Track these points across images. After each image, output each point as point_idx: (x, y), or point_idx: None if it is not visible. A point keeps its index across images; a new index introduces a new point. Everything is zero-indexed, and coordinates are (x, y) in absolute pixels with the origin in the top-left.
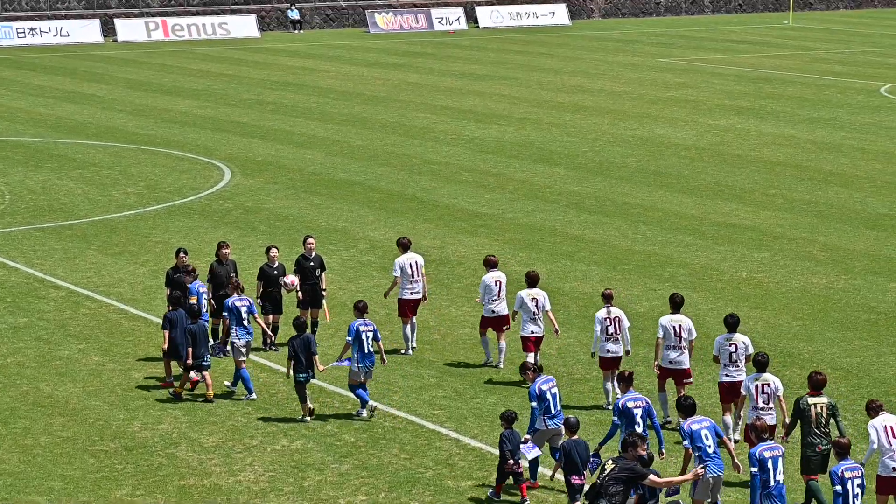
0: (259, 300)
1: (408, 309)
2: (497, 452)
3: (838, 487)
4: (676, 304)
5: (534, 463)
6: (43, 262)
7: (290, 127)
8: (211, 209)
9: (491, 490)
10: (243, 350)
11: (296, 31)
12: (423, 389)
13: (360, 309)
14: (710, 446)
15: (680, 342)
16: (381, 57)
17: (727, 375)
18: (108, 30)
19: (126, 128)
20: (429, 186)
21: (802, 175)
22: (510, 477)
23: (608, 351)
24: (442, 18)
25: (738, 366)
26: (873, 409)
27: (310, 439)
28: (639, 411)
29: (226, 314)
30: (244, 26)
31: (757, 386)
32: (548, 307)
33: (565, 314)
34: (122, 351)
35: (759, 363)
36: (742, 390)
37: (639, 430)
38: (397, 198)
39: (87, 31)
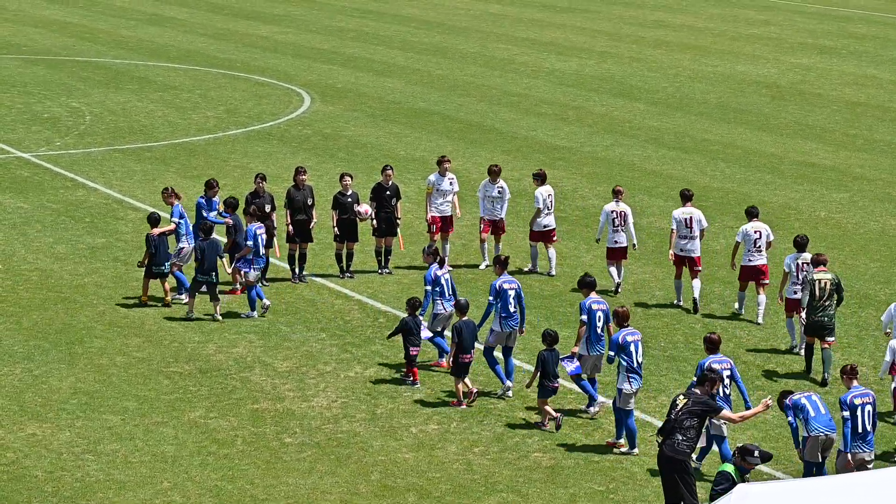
0: (335, 228)
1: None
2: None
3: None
4: (686, 197)
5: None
6: (122, 183)
7: (371, 55)
8: (290, 135)
9: (407, 377)
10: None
11: None
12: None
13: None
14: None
15: (691, 232)
16: None
17: (749, 260)
18: None
19: (207, 51)
20: (508, 118)
21: (884, 116)
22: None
23: (615, 242)
24: None
25: (759, 251)
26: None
27: (383, 367)
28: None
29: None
30: None
31: (798, 264)
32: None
33: (642, 248)
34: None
35: (799, 244)
36: (784, 268)
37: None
38: (476, 128)
39: None
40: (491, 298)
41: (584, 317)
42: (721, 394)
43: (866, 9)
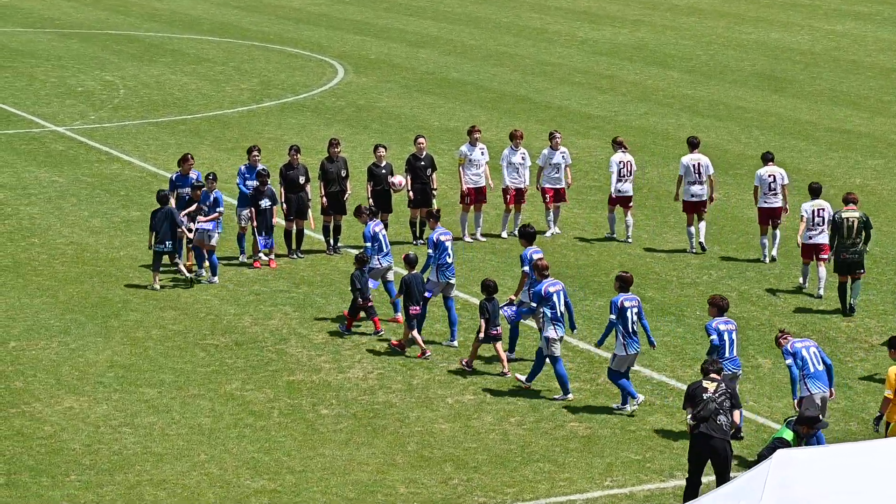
0: (370, 199)
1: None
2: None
3: (613, 317)
4: (693, 145)
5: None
6: (156, 156)
7: (404, 25)
8: (323, 106)
9: (342, 326)
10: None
11: None
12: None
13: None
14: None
15: (700, 177)
16: None
17: (766, 202)
18: None
19: (240, 24)
20: (541, 87)
21: None
22: (362, 311)
23: (618, 192)
24: None
25: (775, 193)
26: None
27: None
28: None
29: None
30: None
31: (814, 209)
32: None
33: (677, 218)
34: (233, 246)
35: (814, 190)
36: (801, 213)
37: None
38: (510, 98)
39: None
40: (526, 268)
41: (526, 267)
42: (630, 330)
43: None
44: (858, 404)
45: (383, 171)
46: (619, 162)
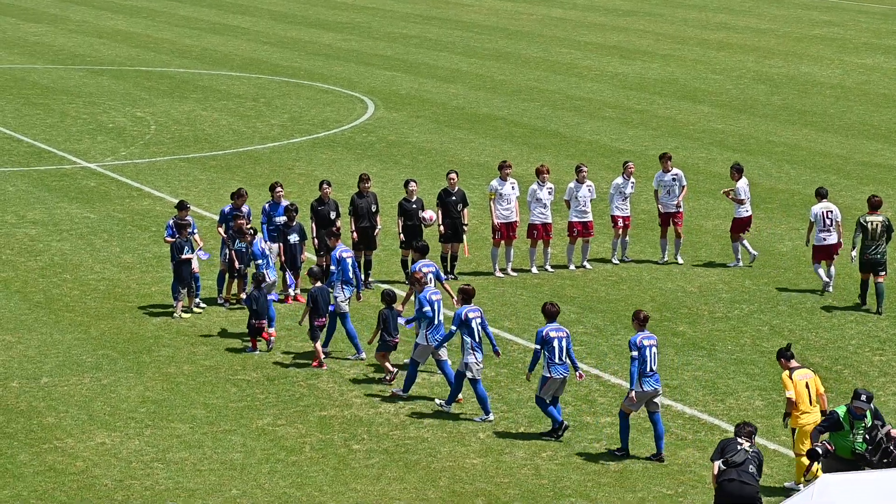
0: (401, 235)
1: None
2: None
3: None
4: (822, 195)
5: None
6: (188, 191)
7: (434, 61)
8: (354, 142)
9: (247, 347)
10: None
11: None
12: (564, 325)
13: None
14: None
15: (829, 224)
16: None
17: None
18: None
19: (270, 60)
20: (572, 122)
21: None
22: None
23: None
24: None
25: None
26: None
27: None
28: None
29: (260, 261)
30: None
31: (822, 212)
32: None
33: (707, 252)
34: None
35: (821, 194)
36: (810, 217)
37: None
38: (540, 133)
39: None
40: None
41: (416, 271)
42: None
43: None
44: None
45: (414, 206)
46: (620, 183)
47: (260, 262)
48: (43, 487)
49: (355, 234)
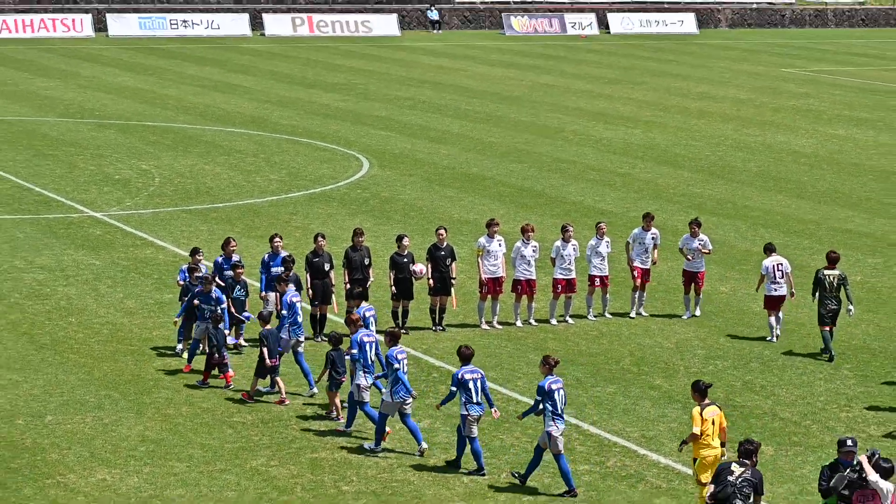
0: (392, 287)
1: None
2: None
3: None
4: (770, 250)
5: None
6: (189, 242)
7: (426, 122)
8: (349, 198)
9: (199, 380)
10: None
11: (434, 31)
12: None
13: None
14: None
15: (778, 277)
16: (516, 59)
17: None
18: (257, 24)
19: (270, 118)
20: (557, 183)
21: None
22: (216, 367)
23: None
24: (574, 23)
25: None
26: None
27: (436, 419)
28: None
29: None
30: (385, 25)
31: (773, 265)
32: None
33: (682, 308)
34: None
35: (769, 249)
36: (762, 271)
37: (475, 398)
38: (527, 193)
39: (236, 24)
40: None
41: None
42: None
43: None
44: None
45: (405, 260)
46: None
47: (223, 306)
48: None
49: (348, 286)
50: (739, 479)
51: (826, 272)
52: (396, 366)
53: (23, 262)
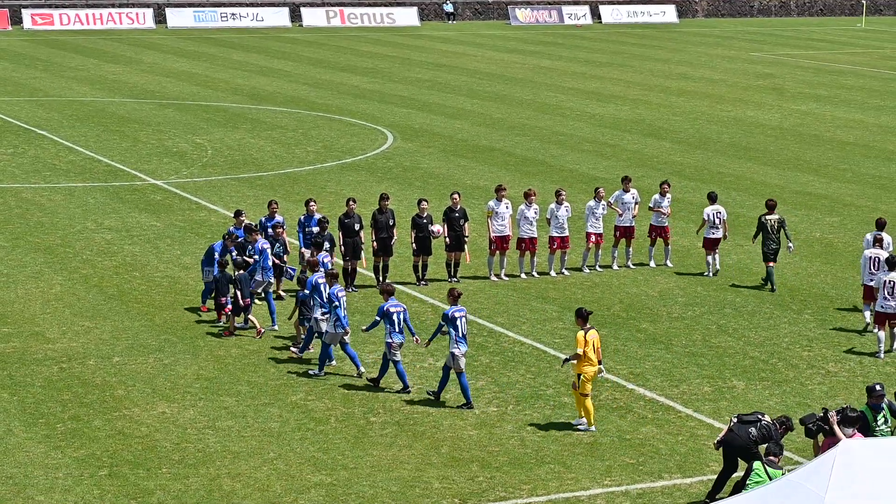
0: (413, 244)
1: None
2: None
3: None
4: (713, 199)
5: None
6: (237, 205)
7: (443, 101)
8: (375, 167)
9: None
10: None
11: (449, 22)
12: (547, 321)
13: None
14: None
15: (717, 222)
16: (520, 45)
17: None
18: (295, 16)
19: (308, 98)
20: (556, 154)
21: (869, 153)
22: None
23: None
24: (571, 14)
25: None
26: None
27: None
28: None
29: (257, 256)
30: (407, 16)
31: (713, 212)
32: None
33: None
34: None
35: (711, 198)
36: (703, 216)
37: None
38: (530, 162)
39: (278, 16)
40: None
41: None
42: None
43: (855, 64)
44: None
45: (424, 220)
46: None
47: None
48: (113, 448)
49: (375, 244)
50: (763, 421)
51: (767, 217)
52: (336, 304)
53: (93, 224)
